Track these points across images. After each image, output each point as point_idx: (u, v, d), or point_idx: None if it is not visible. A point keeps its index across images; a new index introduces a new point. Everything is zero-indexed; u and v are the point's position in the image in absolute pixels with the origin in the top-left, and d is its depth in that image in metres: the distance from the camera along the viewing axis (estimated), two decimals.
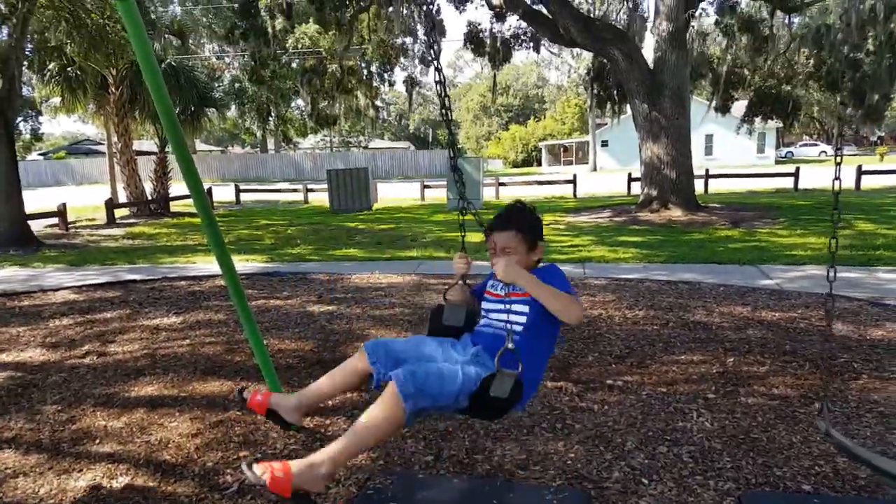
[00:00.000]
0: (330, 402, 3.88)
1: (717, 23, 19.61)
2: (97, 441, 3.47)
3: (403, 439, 3.29)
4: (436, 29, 2.76)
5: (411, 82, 23.82)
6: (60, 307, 6.89)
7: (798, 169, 20.05)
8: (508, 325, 2.07)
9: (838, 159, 2.18)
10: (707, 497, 2.68)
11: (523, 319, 2.19)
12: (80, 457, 3.28)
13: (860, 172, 19.79)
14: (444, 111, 2.45)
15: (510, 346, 2.03)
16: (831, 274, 2.20)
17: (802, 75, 21.19)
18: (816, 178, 23.18)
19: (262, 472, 1.83)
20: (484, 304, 2.41)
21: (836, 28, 17.71)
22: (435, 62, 2.45)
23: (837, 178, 2.26)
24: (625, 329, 5.27)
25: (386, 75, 26.45)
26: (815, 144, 53.33)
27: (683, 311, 5.80)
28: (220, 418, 3.69)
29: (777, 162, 44.18)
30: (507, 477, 2.91)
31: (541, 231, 2.40)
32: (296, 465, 1.89)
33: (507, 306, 2.16)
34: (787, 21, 18.88)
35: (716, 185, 21.74)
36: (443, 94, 2.45)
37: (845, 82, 20.31)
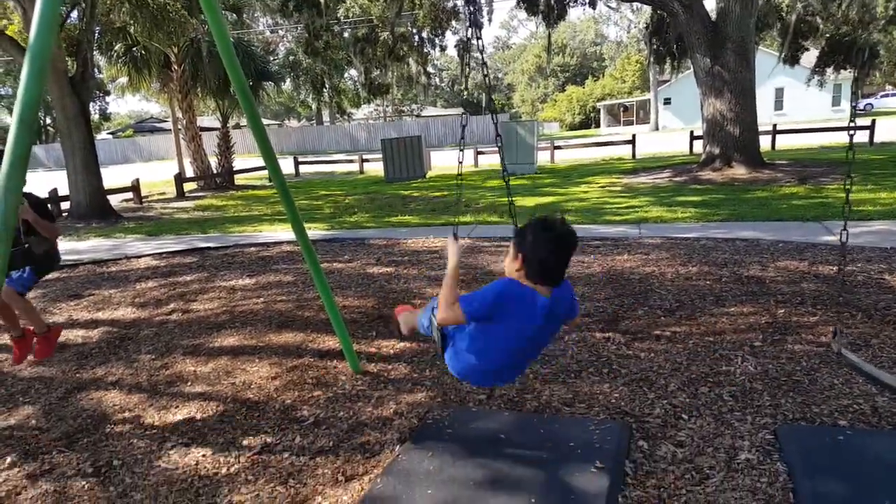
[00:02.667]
0: (391, 351, 4.21)
1: None
2: (189, 383, 3.91)
3: (460, 381, 3.56)
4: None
5: (463, 46, 23.65)
6: (144, 272, 7.50)
7: (874, 121, 18.90)
8: None
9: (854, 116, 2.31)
10: (743, 430, 2.85)
11: None
12: (175, 396, 3.73)
13: None
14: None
15: None
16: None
17: (882, 19, 19.81)
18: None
19: None
20: None
21: None
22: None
23: (852, 131, 2.37)
24: (676, 285, 5.37)
25: (437, 40, 26.26)
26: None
27: (738, 267, 5.83)
28: (295, 364, 4.08)
29: (851, 118, 41.49)
30: (554, 412, 3.15)
31: None
32: None
33: None
34: None
35: (785, 141, 20.75)
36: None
37: None
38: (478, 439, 2.86)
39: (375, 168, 22.38)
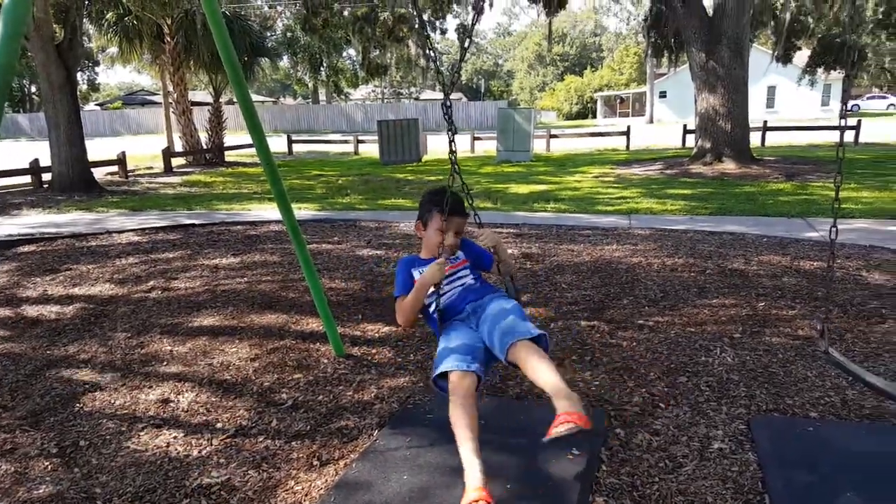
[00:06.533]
0: (376, 334, 4.19)
1: None
2: (164, 363, 3.85)
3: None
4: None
5: (463, 30, 23.42)
6: (126, 247, 7.41)
7: (859, 122, 19.18)
8: (469, 282, 2.66)
9: (843, 119, 2.33)
10: (718, 420, 2.87)
11: (472, 279, 2.69)
12: (149, 376, 3.66)
13: None
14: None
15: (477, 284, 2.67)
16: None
17: (871, 23, 19.95)
18: (881, 131, 22.02)
19: (568, 427, 2.02)
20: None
21: None
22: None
23: (842, 129, 2.38)
24: (662, 275, 5.39)
25: (438, 23, 26.02)
26: (885, 97, 50.01)
27: (722, 260, 5.87)
28: (277, 346, 4.03)
29: (842, 116, 41.80)
30: (536, 399, 3.14)
31: None
32: (571, 406, 2.09)
33: (454, 276, 2.65)
34: None
35: (774, 139, 20.94)
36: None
37: None
38: None
39: (371, 149, 22.25)
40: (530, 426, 2.80)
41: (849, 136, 19.36)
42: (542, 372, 2.19)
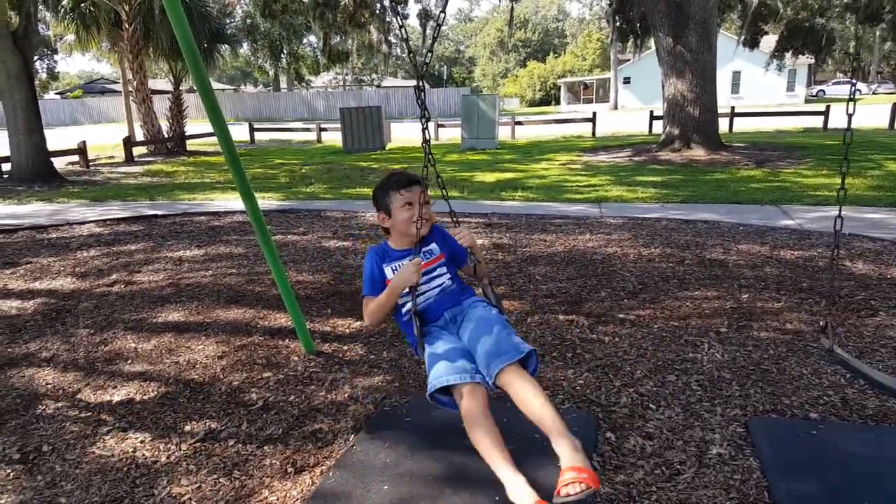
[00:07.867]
0: (346, 330, 4.02)
1: None
2: (129, 361, 3.65)
3: (419, 365, 3.39)
4: None
5: (425, 15, 23.10)
6: (87, 239, 7.10)
7: (828, 107, 19.44)
8: (446, 283, 2.45)
9: (851, 102, 2.24)
10: (714, 422, 2.75)
11: (450, 278, 2.48)
12: (113, 375, 3.46)
13: None
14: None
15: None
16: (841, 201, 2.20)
17: (839, 6, 20.16)
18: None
19: (581, 488, 1.79)
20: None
21: None
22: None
23: (850, 114, 2.30)
24: (639, 266, 5.30)
25: (399, 8, 25.62)
26: (850, 82, 51.12)
27: (700, 249, 5.81)
28: (244, 342, 3.84)
29: (807, 101, 42.54)
30: None
31: None
32: (578, 459, 1.88)
33: (430, 274, 2.45)
34: None
35: (741, 124, 21.10)
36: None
37: (886, 13, 19.36)
38: (438, 429, 2.69)
39: (334, 137, 21.87)
40: (515, 430, 2.67)
41: (818, 121, 19.63)
42: (534, 406, 2.05)
